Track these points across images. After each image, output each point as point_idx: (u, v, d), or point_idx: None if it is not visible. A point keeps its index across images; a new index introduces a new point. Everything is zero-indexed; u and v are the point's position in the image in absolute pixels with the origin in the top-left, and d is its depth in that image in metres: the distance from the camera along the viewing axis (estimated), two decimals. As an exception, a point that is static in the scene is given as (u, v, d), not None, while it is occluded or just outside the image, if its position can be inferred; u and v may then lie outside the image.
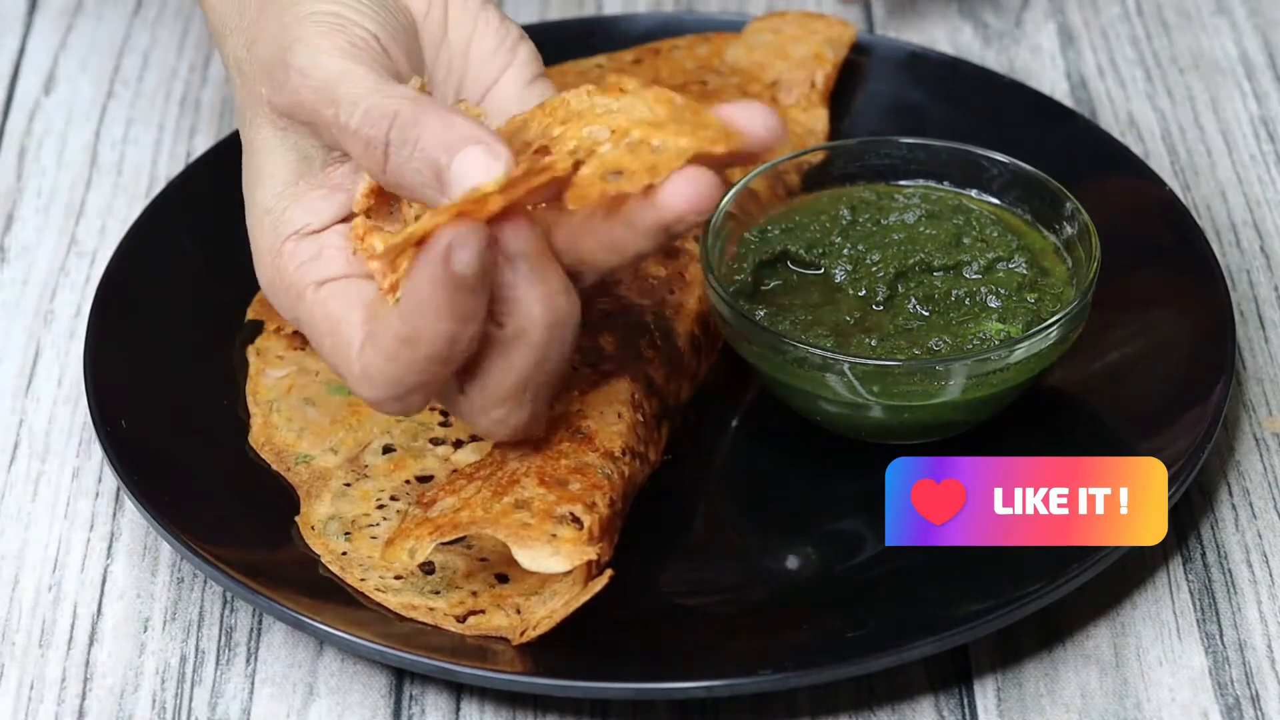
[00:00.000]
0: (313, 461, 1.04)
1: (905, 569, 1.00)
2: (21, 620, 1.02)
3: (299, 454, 1.05)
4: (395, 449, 1.05)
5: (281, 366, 1.09)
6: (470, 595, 0.98)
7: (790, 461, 1.06)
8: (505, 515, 0.96)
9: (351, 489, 1.03)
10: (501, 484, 0.98)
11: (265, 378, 1.08)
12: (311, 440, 1.05)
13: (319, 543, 1.01)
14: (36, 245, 1.21)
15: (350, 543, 1.01)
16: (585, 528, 0.96)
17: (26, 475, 1.08)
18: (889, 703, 0.98)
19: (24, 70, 1.32)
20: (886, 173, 1.12)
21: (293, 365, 1.09)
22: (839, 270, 1.07)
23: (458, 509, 0.97)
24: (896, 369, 1.01)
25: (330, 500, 1.02)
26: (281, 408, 1.07)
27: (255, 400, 1.07)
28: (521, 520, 0.95)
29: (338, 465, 1.04)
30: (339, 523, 1.01)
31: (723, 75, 1.22)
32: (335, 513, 1.02)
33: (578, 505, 0.97)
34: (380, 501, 1.03)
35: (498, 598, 0.98)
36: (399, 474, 1.04)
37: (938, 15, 1.35)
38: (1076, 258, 1.07)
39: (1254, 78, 1.30)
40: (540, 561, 0.94)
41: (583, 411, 1.01)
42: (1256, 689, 0.98)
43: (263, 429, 1.06)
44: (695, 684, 0.94)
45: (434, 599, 0.98)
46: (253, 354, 1.09)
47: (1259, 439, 1.09)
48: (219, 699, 0.98)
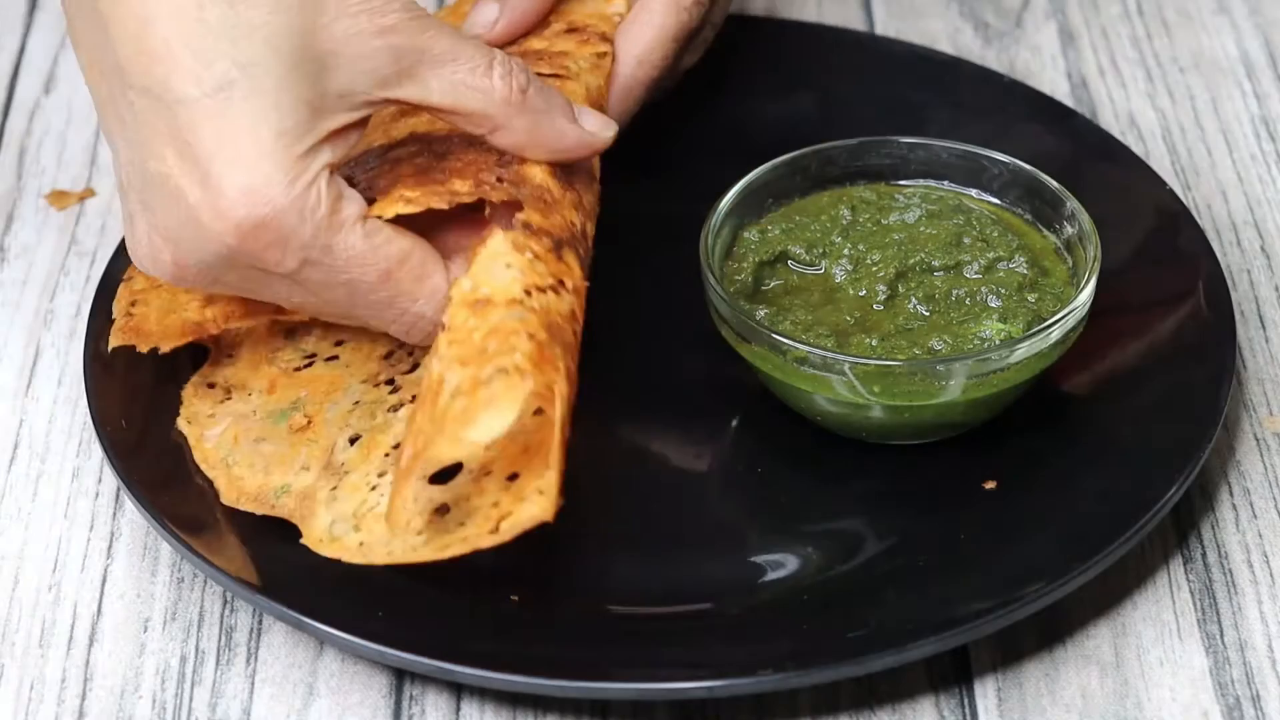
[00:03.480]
0: (291, 488, 1.02)
1: (905, 569, 1.00)
2: (21, 620, 1.02)
3: (275, 489, 1.02)
4: (360, 435, 1.03)
5: (216, 424, 1.05)
6: (492, 507, 0.95)
7: (790, 461, 1.06)
8: (446, 414, 0.92)
9: (339, 489, 1.01)
10: (434, 391, 0.94)
11: (206, 442, 1.05)
12: (281, 471, 1.03)
13: (335, 548, 0.99)
14: (36, 245, 1.21)
15: (361, 531, 0.99)
16: (514, 367, 0.92)
17: (26, 475, 1.08)
18: (889, 703, 0.98)
19: (24, 70, 1.32)
20: (886, 172, 1.12)
21: (226, 417, 1.06)
22: (839, 270, 1.07)
23: (414, 441, 0.94)
24: (897, 369, 1.01)
25: (325, 510, 1.00)
26: (237, 459, 1.04)
27: (209, 465, 1.04)
28: (460, 407, 0.92)
29: (316, 478, 1.02)
30: (343, 522, 1.00)
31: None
32: (335, 516, 1.00)
33: (501, 358, 0.93)
34: (372, 484, 1.01)
35: (520, 494, 0.95)
36: (375, 454, 1.02)
37: (938, 15, 1.35)
38: (1077, 258, 1.07)
39: (1254, 78, 1.30)
40: (488, 427, 0.91)
41: (475, 284, 0.97)
42: (1257, 689, 0.98)
43: (231, 486, 1.03)
44: (695, 684, 0.94)
45: (462, 530, 0.95)
46: (184, 424, 1.06)
47: (1259, 439, 1.09)
48: (219, 699, 0.98)
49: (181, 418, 1.06)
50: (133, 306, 1.08)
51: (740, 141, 1.21)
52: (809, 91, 1.24)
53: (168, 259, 0.96)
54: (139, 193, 0.96)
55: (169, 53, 0.94)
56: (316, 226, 0.95)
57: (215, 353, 1.09)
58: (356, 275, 0.96)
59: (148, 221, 0.96)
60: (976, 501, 1.03)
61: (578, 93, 1.10)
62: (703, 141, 1.21)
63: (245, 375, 1.08)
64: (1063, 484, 1.03)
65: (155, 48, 0.94)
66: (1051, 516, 1.01)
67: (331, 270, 0.96)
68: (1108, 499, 1.01)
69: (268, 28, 0.94)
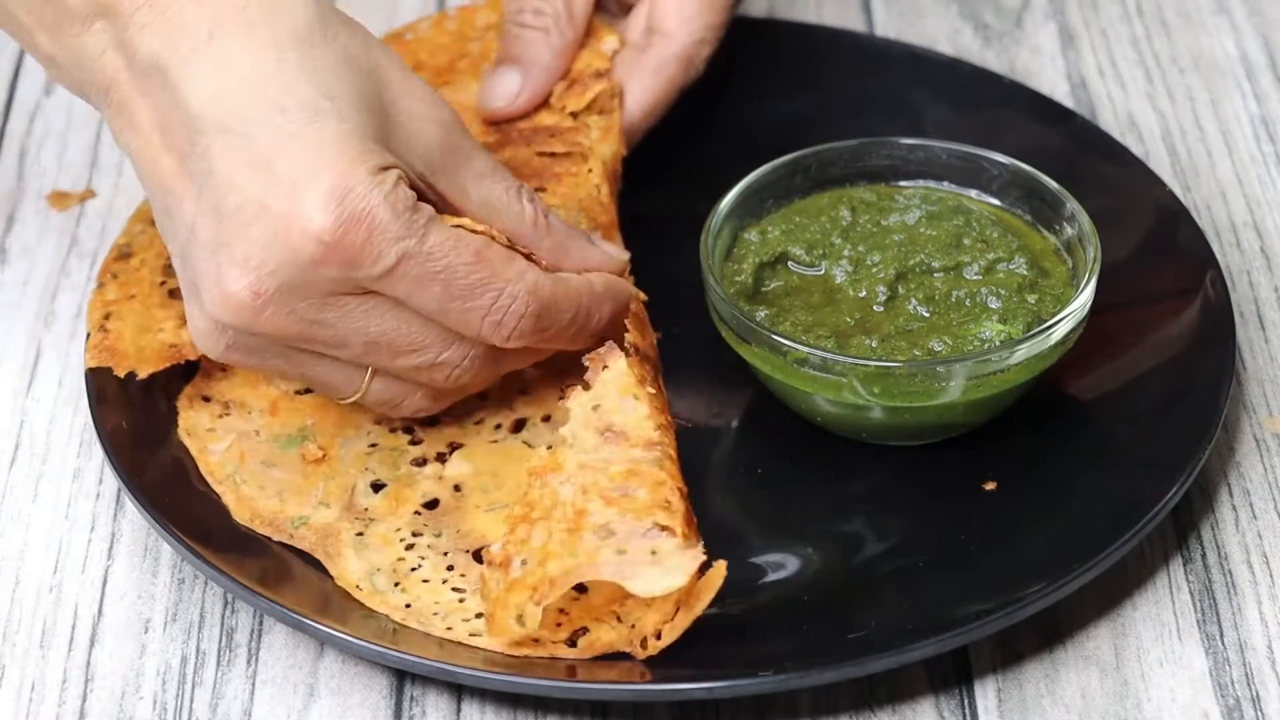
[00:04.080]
0: (310, 521, 1.02)
1: (905, 569, 1.00)
2: (22, 621, 1.02)
3: (292, 519, 1.02)
4: (384, 484, 1.03)
5: (220, 439, 1.05)
6: (560, 614, 0.97)
7: (790, 461, 1.06)
8: (596, 554, 0.93)
9: (366, 537, 1.01)
10: (570, 520, 0.95)
11: (211, 455, 1.05)
12: (296, 501, 1.03)
13: (378, 601, 0.98)
14: (37, 246, 1.21)
15: (406, 593, 0.99)
16: (678, 532, 0.94)
17: (27, 476, 1.08)
18: (889, 703, 0.98)
19: (24, 71, 1.32)
20: (887, 173, 1.12)
21: (230, 433, 1.05)
22: (839, 271, 1.07)
23: (542, 561, 0.94)
24: (897, 370, 1.01)
25: (355, 555, 1.00)
26: (245, 478, 1.04)
27: (216, 480, 1.04)
28: (616, 549, 0.93)
29: (337, 518, 1.02)
30: (383, 575, 1.00)
31: (483, 38, 1.21)
32: (369, 566, 1.00)
33: (657, 513, 0.95)
34: (406, 541, 1.01)
35: (588, 610, 0.97)
36: (404, 509, 1.02)
37: (937, 16, 1.35)
38: (1077, 259, 1.07)
39: (1254, 78, 1.30)
40: (654, 584, 0.92)
41: (600, 407, 0.99)
42: (1257, 690, 0.98)
43: (241, 504, 1.03)
44: (695, 684, 0.94)
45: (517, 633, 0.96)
46: (184, 436, 1.06)
47: (1259, 439, 1.09)
48: (219, 700, 0.98)
49: (180, 428, 1.06)
50: (106, 320, 1.08)
51: (740, 142, 1.21)
52: (809, 92, 1.24)
53: (244, 291, 0.95)
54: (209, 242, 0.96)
55: (249, 87, 0.95)
56: (408, 221, 0.95)
57: (207, 364, 1.08)
58: (452, 260, 0.96)
59: (217, 264, 0.95)
60: (976, 502, 1.03)
61: (596, 171, 1.11)
62: (702, 142, 1.21)
63: (243, 393, 1.07)
64: (1063, 484, 1.03)
65: (233, 86, 0.95)
66: (1051, 517, 1.01)
67: (429, 260, 0.96)
68: (1107, 500, 1.01)
69: (346, 79, 0.96)
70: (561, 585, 0.93)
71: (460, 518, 1.02)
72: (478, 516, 1.02)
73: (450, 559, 1.00)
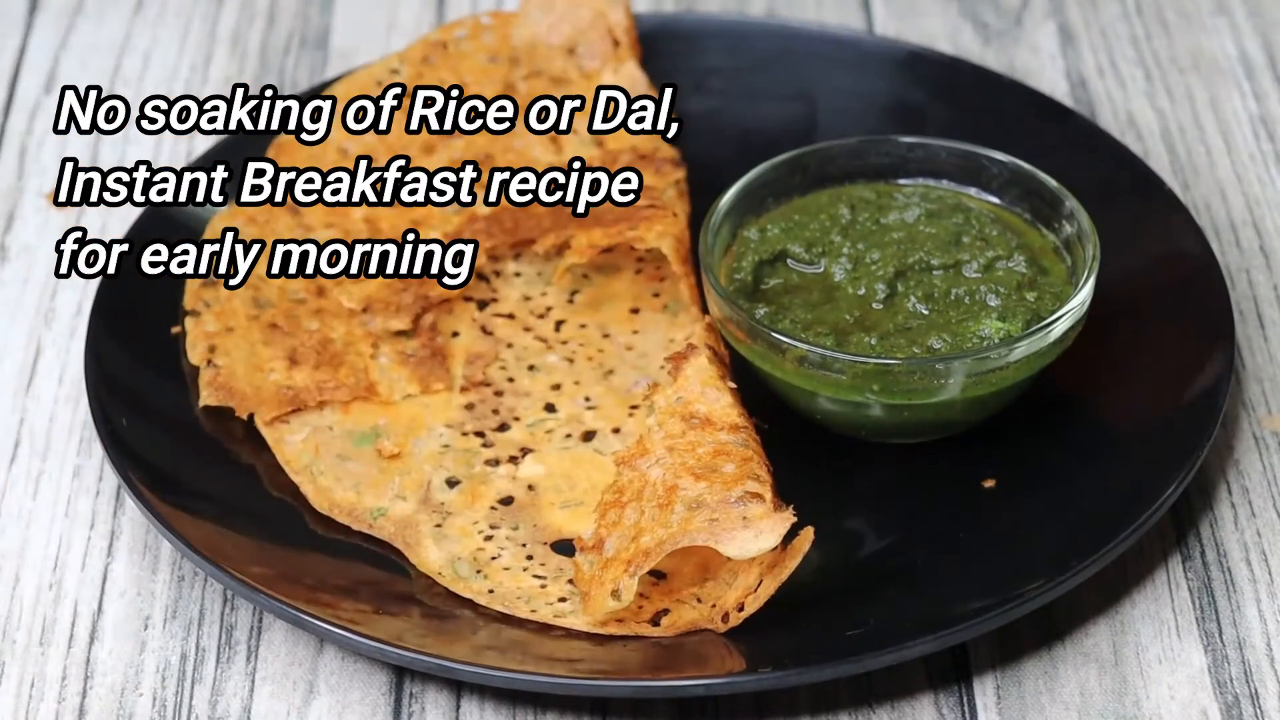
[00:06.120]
0: (388, 513, 1.03)
1: (905, 568, 1.00)
2: (22, 618, 1.02)
3: (371, 510, 1.03)
4: (459, 480, 1.04)
5: (295, 430, 1.06)
6: (640, 598, 0.98)
7: (790, 461, 1.06)
8: (688, 522, 0.95)
9: (444, 528, 1.02)
10: (660, 497, 0.97)
11: (287, 445, 1.06)
12: (373, 494, 1.04)
13: (462, 587, 1.00)
14: (37, 245, 1.21)
15: (489, 580, 1.00)
16: (767, 499, 0.96)
17: (27, 474, 1.08)
18: (889, 701, 0.98)
19: (24, 70, 1.32)
20: (886, 171, 1.12)
21: (306, 426, 1.06)
22: (838, 269, 1.08)
23: (635, 537, 0.96)
24: (896, 367, 1.01)
25: (434, 545, 1.01)
26: (322, 469, 1.05)
27: (292, 469, 1.05)
28: (707, 518, 0.95)
29: (415, 510, 1.03)
30: (465, 563, 1.01)
31: (519, 65, 1.21)
32: (451, 554, 1.01)
33: (747, 482, 0.97)
34: (485, 533, 1.02)
35: (667, 593, 0.98)
36: (480, 504, 1.03)
37: (937, 15, 1.35)
38: (1076, 257, 1.07)
39: (1254, 78, 1.30)
40: (746, 546, 0.94)
41: (683, 399, 1.01)
42: (1256, 687, 0.98)
43: (320, 493, 1.04)
44: (694, 681, 0.94)
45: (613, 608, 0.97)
46: (260, 425, 1.06)
47: (1259, 438, 1.09)
48: (219, 697, 0.99)
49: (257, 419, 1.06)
50: (212, 353, 1.08)
51: (740, 141, 1.21)
52: (809, 91, 1.24)
53: None
54: None
55: None
56: None
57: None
58: None
59: None
60: (976, 500, 1.03)
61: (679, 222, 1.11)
62: (702, 141, 1.21)
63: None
64: (1062, 483, 1.03)
65: None
66: (1050, 515, 1.01)
67: None
68: (1106, 497, 1.01)
69: None
70: (656, 555, 0.95)
71: (536, 513, 1.03)
72: (553, 512, 1.03)
73: (529, 550, 1.01)
